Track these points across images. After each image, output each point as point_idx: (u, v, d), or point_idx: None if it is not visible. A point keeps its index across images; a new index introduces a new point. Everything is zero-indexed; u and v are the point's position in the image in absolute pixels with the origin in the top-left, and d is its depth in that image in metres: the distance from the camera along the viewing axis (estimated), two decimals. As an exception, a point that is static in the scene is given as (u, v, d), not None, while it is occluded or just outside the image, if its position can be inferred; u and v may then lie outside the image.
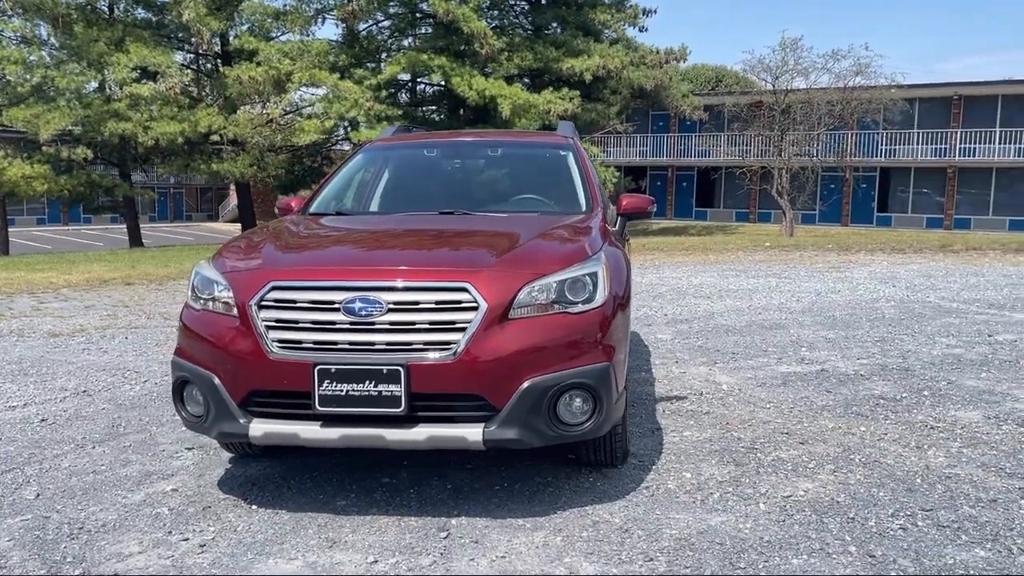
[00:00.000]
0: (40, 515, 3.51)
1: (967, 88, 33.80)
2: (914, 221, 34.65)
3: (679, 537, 3.19)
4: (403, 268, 3.40)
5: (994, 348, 7.16)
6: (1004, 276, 13.46)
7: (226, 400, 3.37)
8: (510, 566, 2.96)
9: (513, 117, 24.14)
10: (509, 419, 3.22)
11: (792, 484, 3.77)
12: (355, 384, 3.21)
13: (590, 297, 3.44)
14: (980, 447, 4.33)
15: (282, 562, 3.04)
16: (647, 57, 26.80)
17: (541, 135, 5.50)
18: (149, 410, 5.23)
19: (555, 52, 25.73)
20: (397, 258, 3.63)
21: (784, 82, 27.87)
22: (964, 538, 3.15)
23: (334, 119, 25.18)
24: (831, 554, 3.02)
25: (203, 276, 3.67)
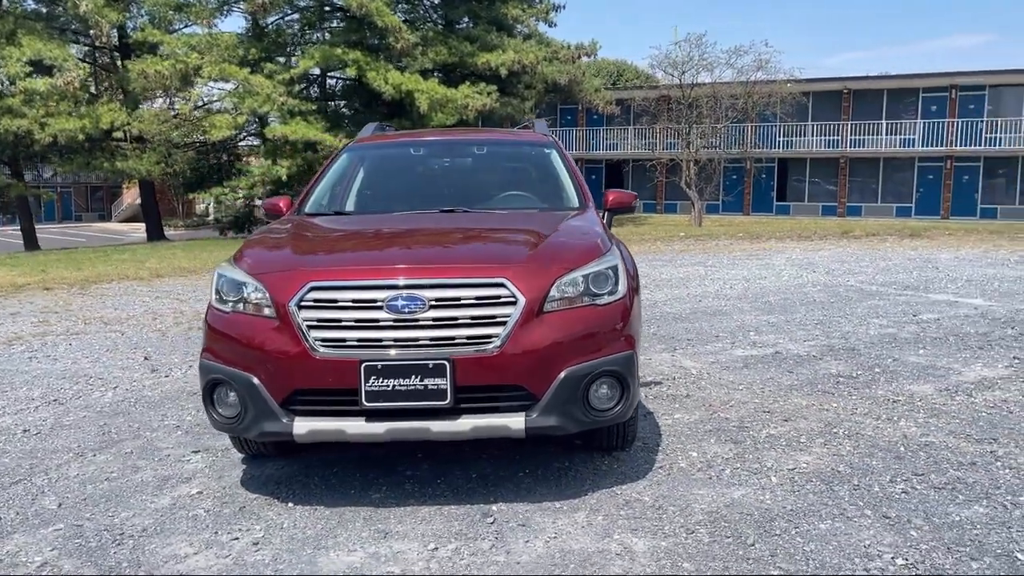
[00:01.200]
0: (72, 524, 3.47)
1: (855, 82, 35.66)
2: (810, 209, 36.36)
3: (709, 511, 3.43)
4: (442, 265, 3.52)
5: (922, 327, 7.74)
6: (908, 260, 14.41)
7: (267, 400, 3.41)
8: (566, 545, 3.14)
9: (431, 112, 24.16)
10: (549, 407, 3.39)
11: (792, 458, 4.07)
12: (402, 379, 3.31)
13: (613, 290, 3.64)
14: (943, 417, 4.75)
15: (343, 554, 3.12)
16: (559, 52, 27.23)
17: (522, 133, 5.66)
18: (135, 416, 5.15)
19: (470, 47, 25.84)
20: (432, 255, 3.75)
21: (690, 77, 28.82)
22: (961, 498, 3.50)
23: (246, 114, 24.61)
24: (851, 518, 3.31)
25: (229, 278, 3.68)
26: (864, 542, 3.08)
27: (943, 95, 34.74)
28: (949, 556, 2.95)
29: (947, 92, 34.61)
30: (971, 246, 17.19)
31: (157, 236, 28.85)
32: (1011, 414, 4.78)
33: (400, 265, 3.51)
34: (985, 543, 3.05)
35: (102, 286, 12.63)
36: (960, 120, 34.34)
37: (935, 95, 34.92)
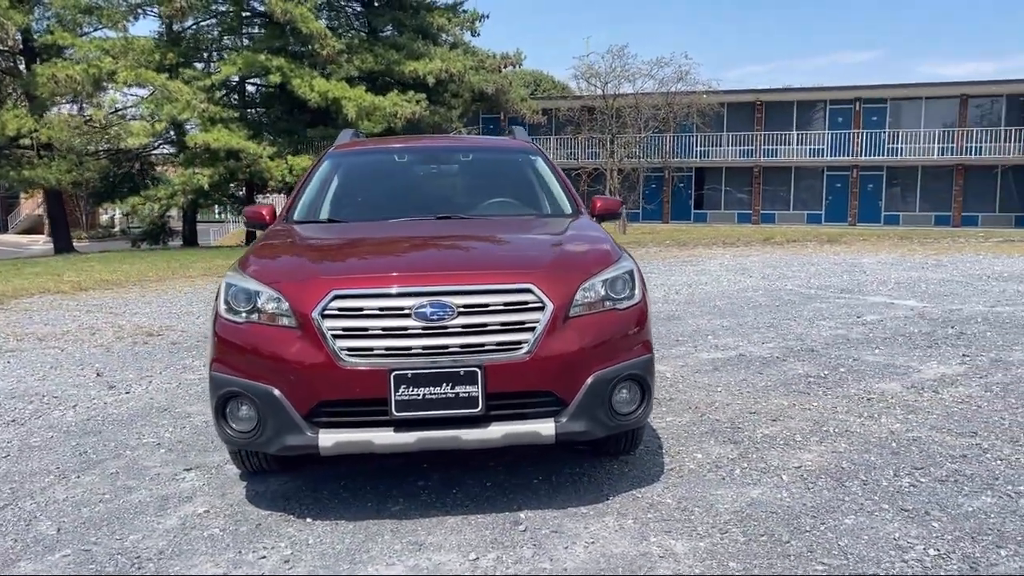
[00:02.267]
0: (79, 548, 3.29)
1: (767, 95, 36.99)
2: (726, 217, 37.47)
3: (734, 510, 3.49)
4: (470, 272, 3.49)
5: (869, 328, 8.06)
6: (835, 264, 14.99)
7: (290, 412, 3.31)
8: (606, 550, 3.14)
9: (359, 119, 23.90)
10: (577, 413, 3.39)
11: (795, 456, 4.18)
12: (432, 387, 3.26)
13: (631, 294, 3.68)
14: (919, 413, 4.95)
15: (382, 568, 3.05)
16: (486, 61, 27.37)
17: (505, 141, 5.64)
18: (108, 435, 4.92)
19: (396, 55, 25.72)
20: (456, 262, 3.70)
21: (612, 88, 29.35)
22: (966, 489, 3.66)
23: (165, 121, 23.82)
24: (872, 512, 3.42)
25: (241, 287, 3.56)
26: (892, 535, 3.19)
27: (848, 107, 36.34)
28: (976, 545, 3.07)
29: (852, 105, 36.22)
30: (887, 251, 18.01)
31: (66, 248, 27.57)
32: (980, 408, 5.02)
33: (427, 272, 3.46)
34: (1004, 531, 3.19)
35: (22, 301, 12.01)
36: (864, 131, 35.99)
37: (841, 107, 36.50)
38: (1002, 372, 5.99)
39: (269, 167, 24.23)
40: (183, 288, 13.62)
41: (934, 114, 35.55)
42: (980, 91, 34.99)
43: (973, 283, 11.55)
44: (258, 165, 24.28)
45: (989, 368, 6.15)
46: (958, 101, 35.16)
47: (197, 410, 5.47)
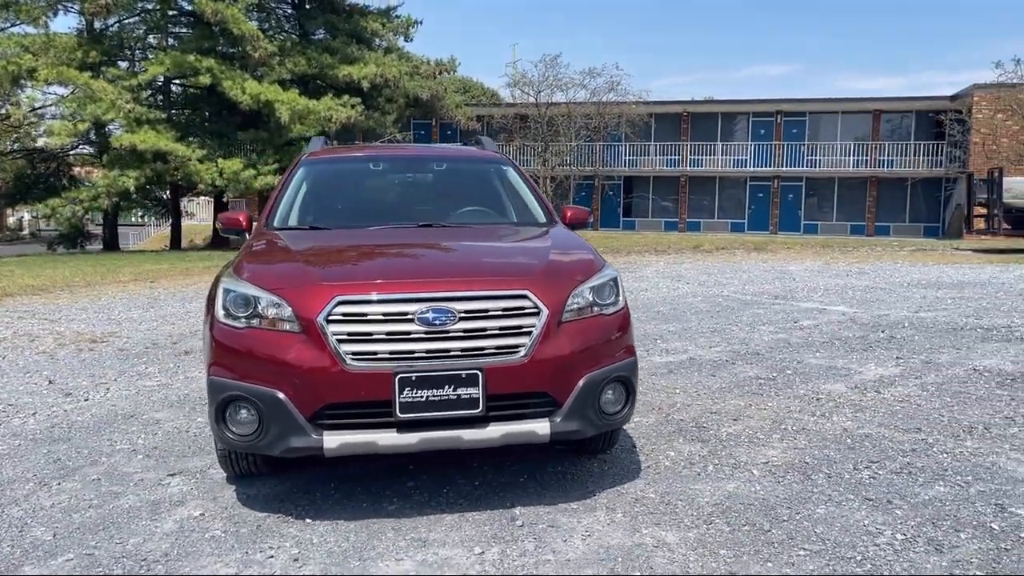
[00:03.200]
0: (82, 553, 3.30)
1: (694, 106, 38.04)
2: (654, 225, 38.32)
3: (715, 503, 3.72)
4: (470, 278, 3.63)
5: (807, 332, 8.48)
6: (765, 271, 15.58)
7: (295, 415, 3.39)
8: (603, 542, 3.32)
9: (292, 123, 23.66)
10: (571, 413, 3.57)
11: (761, 453, 4.44)
12: (435, 390, 3.39)
13: (615, 300, 3.89)
14: (866, 412, 5.30)
15: (392, 563, 3.16)
16: (420, 67, 27.40)
17: (476, 151, 5.77)
18: (78, 442, 4.87)
19: (330, 58, 25.54)
20: (453, 269, 3.83)
21: (546, 96, 29.75)
22: (921, 479, 3.97)
23: (88, 121, 23.10)
24: (840, 502, 3.69)
25: (240, 293, 3.62)
26: (862, 522, 3.46)
27: (770, 120, 37.64)
28: (937, 529, 3.37)
29: (773, 117, 37.52)
30: (812, 259, 18.78)
31: (-22, 251, 26.42)
32: (920, 407, 5.40)
33: (428, 279, 3.59)
34: (960, 517, 3.50)
35: (-53, 307, 11.56)
36: (785, 143, 37.31)
37: (763, 120, 37.77)
38: (934, 373, 6.43)
39: (199, 170, 23.75)
40: (116, 294, 13.30)
41: (849, 128, 37.12)
42: (892, 107, 36.69)
43: (895, 290, 12.21)
44: (187, 168, 23.77)
45: (921, 369, 6.58)
46: (871, 116, 36.80)
47: (165, 416, 5.45)
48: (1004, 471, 4.06)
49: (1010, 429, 4.82)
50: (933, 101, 35.12)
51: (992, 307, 10.12)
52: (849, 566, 3.05)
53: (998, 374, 6.32)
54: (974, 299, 10.97)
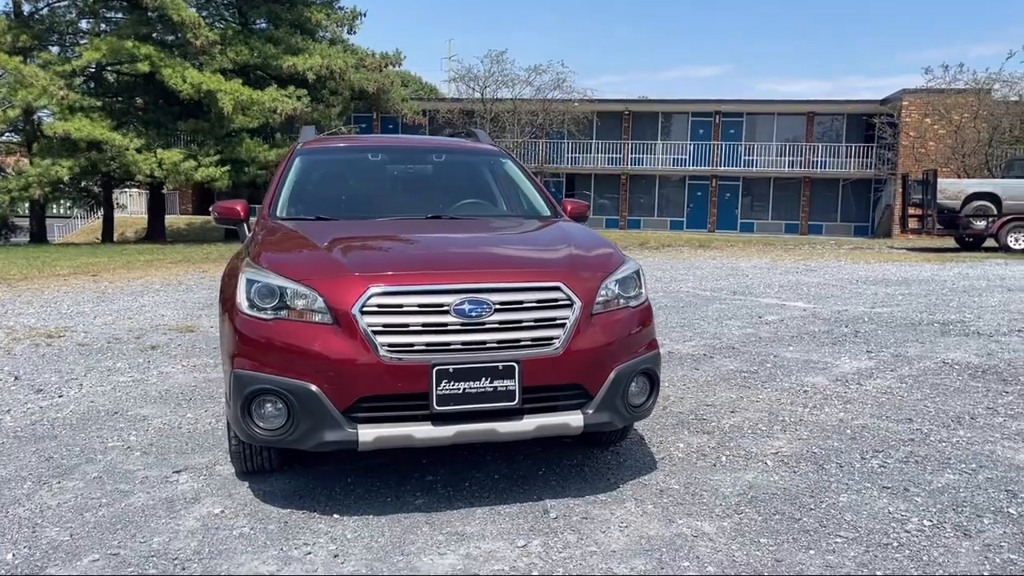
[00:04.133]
0: (107, 553, 3.17)
1: (635, 104, 38.49)
2: (596, 222, 38.59)
3: (739, 493, 3.78)
4: (504, 270, 3.60)
5: (774, 327, 8.67)
6: (716, 268, 15.87)
7: (329, 408, 3.32)
8: (642, 532, 3.34)
9: (235, 114, 23.11)
10: (602, 405, 3.58)
11: (768, 444, 4.53)
12: (472, 382, 3.36)
13: (639, 293, 3.91)
14: (855, 403, 5.45)
15: (437, 557, 3.12)
16: (366, 60, 27.05)
17: (473, 143, 5.72)
18: (65, 440, 4.68)
19: (273, 49, 25.04)
20: (486, 261, 3.79)
21: (491, 92, 29.71)
22: (928, 468, 4.10)
23: (19, 107, 22.14)
24: (859, 491, 3.79)
25: (265, 284, 3.52)
26: (886, 509, 3.56)
27: (708, 120, 38.34)
28: (960, 515, 3.48)
29: (712, 117, 38.24)
30: (757, 256, 19.20)
31: None
32: (904, 398, 5.57)
33: (462, 270, 3.55)
34: (976, 503, 3.63)
35: None
36: (723, 143, 38.07)
37: (702, 119, 38.46)
38: (907, 366, 6.64)
39: (136, 160, 23.01)
40: (59, 287, 12.78)
41: (784, 129, 38.08)
42: (825, 109, 37.77)
43: (846, 286, 12.57)
44: (124, 158, 23.01)
45: (894, 362, 6.79)
46: (805, 118, 37.82)
47: (151, 413, 5.27)
48: (1004, 459, 4.22)
49: (995, 419, 5.01)
50: (864, 104, 36.26)
51: (941, 303, 10.51)
52: (888, 551, 3.13)
53: (967, 367, 6.57)
54: (922, 295, 11.37)
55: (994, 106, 28.94)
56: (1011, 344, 7.54)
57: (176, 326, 8.87)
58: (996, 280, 13.35)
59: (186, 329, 8.65)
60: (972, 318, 9.19)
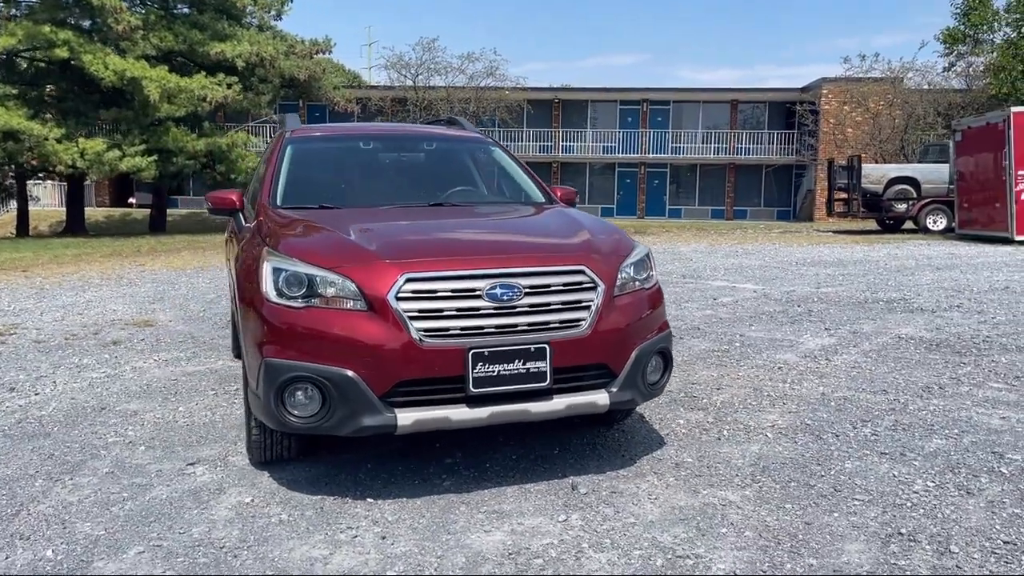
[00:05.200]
0: (151, 544, 3.15)
1: (565, 93, 38.81)
2: (527, 209, 38.88)
3: (751, 464, 3.96)
4: (532, 254, 3.69)
5: (731, 309, 8.98)
6: (659, 253, 16.21)
7: (367, 394, 3.36)
8: (673, 503, 3.48)
9: (161, 102, 22.42)
10: (625, 383, 3.71)
11: (762, 417, 4.74)
12: (506, 364, 3.44)
13: (650, 275, 4.06)
14: (829, 378, 5.72)
15: (484, 535, 3.20)
16: (296, 47, 26.54)
17: (459, 131, 5.74)
18: (59, 437, 4.58)
19: (200, 35, 24.34)
20: (510, 245, 3.86)
21: (423, 80, 29.54)
22: (917, 435, 4.37)
23: (-72, 95, 21.01)
24: (861, 457, 4.02)
25: (293, 272, 3.52)
26: (891, 473, 3.79)
27: (636, 108, 38.96)
28: (958, 476, 3.74)
29: (639, 105, 38.87)
30: (695, 240, 19.71)
31: None
32: (873, 372, 5.88)
33: (490, 255, 3.62)
34: (970, 464, 3.89)
35: None
36: (651, 130, 38.74)
37: (630, 107, 39.06)
38: (867, 342, 6.99)
39: (57, 151, 22.09)
40: (-9, 283, 12.28)
41: (709, 117, 39.01)
42: (747, 97, 38.82)
43: (788, 268, 13.05)
44: (43, 148, 22.07)
45: (853, 339, 7.13)
46: (729, 106, 38.81)
47: (140, 407, 5.18)
48: (982, 424, 4.52)
49: (961, 388, 5.34)
50: (785, 93, 37.41)
51: (880, 282, 11.02)
52: (905, 511, 3.35)
53: (922, 341, 6.95)
54: (860, 275, 11.90)
55: (908, 94, 30.26)
56: (954, 319, 7.99)
57: (132, 321, 8.65)
58: (923, 260, 14.05)
59: (144, 324, 8.46)
60: (912, 296, 9.68)
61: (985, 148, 17.60)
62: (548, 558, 3.00)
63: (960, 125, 19.41)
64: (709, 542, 3.10)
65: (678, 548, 3.05)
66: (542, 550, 3.06)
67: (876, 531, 3.17)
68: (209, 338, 7.66)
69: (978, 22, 28.67)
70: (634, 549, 3.05)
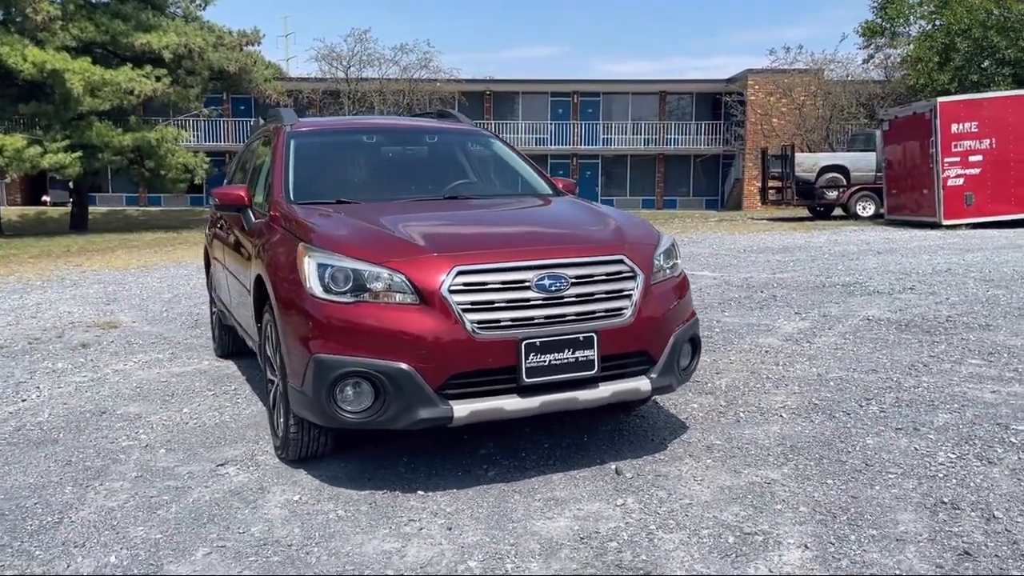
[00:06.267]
0: (215, 546, 3.10)
1: (497, 84, 38.82)
2: (461, 202, 38.84)
3: (778, 443, 4.10)
4: (570, 245, 3.75)
5: (698, 295, 9.14)
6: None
7: (423, 387, 3.36)
8: (721, 484, 3.59)
9: (85, 95, 21.57)
10: (664, 369, 3.81)
11: (771, 399, 4.90)
12: (556, 354, 3.50)
13: (676, 264, 4.16)
14: (819, 359, 5.93)
15: (549, 521, 3.25)
16: (224, 38, 25.84)
17: (458, 124, 5.71)
18: (69, 442, 4.44)
19: (123, 25, 23.48)
20: (552, 237, 3.91)
21: (356, 72, 29.17)
22: (921, 410, 4.58)
23: None
24: (878, 433, 4.21)
25: (340, 267, 3.50)
26: (912, 447, 3.99)
27: (567, 100, 39.29)
28: (973, 447, 3.95)
29: (570, 97, 39.20)
30: (637, 230, 20.00)
31: None
32: (856, 352, 6.13)
33: (536, 247, 3.66)
34: (980, 436, 4.11)
35: None
36: (582, 122, 39.12)
37: (561, 99, 39.35)
38: (840, 324, 7.26)
39: (-27, 147, 21.06)
40: (-77, 287, 11.68)
41: (639, 108, 39.61)
42: (675, 89, 39.56)
43: (738, 256, 13.41)
44: (-41, 144, 21.01)
45: (825, 322, 7.40)
46: (658, 97, 39.49)
47: (141, 410, 5.05)
48: (976, 398, 4.78)
49: (944, 365, 5.62)
50: (711, 84, 38.24)
51: (830, 267, 11.44)
52: (938, 482, 3.54)
53: (890, 322, 7.26)
54: (809, 261, 12.32)
55: (831, 85, 31.34)
56: (911, 300, 8.37)
57: (93, 323, 8.37)
58: (863, 245, 14.62)
59: (107, 326, 8.19)
60: (864, 279, 10.08)
61: (912, 137, 18.40)
62: (621, 540, 3.07)
63: (888, 115, 20.24)
64: (769, 518, 3.22)
65: (743, 525, 3.16)
66: (612, 533, 3.13)
67: (920, 501, 3.34)
68: (182, 338, 7.47)
69: (895, 15, 29.88)
70: (701, 528, 3.15)
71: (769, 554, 2.92)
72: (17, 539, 3.21)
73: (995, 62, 25.99)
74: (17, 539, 3.21)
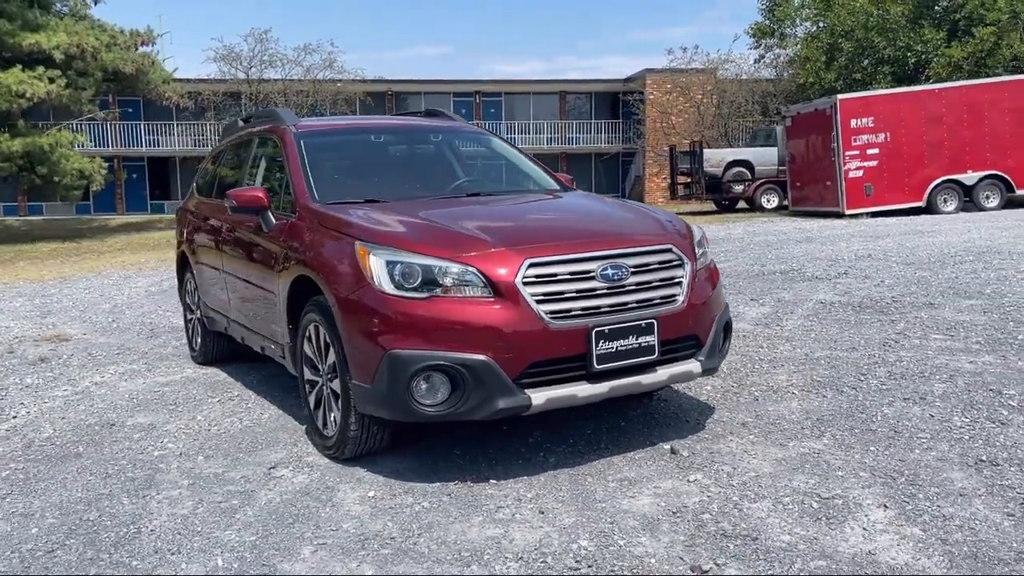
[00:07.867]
0: (317, 544, 3.10)
1: (399, 85, 38.62)
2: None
3: (804, 418, 4.37)
4: (624, 237, 3.90)
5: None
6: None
7: (502, 377, 3.45)
8: (772, 456, 3.81)
9: (-28, 98, 20.28)
10: (710, 352, 4.02)
11: (777, 378, 5.18)
12: (622, 340, 3.64)
13: (706, 253, 4.37)
14: (797, 341, 6.28)
15: (631, 500, 3.39)
16: (118, 38, 24.72)
17: (457, 122, 5.74)
18: (94, 455, 4.31)
19: (8, 24, 22.15)
20: (606, 229, 4.04)
21: (256, 72, 28.45)
22: (917, 382, 4.93)
23: None
24: (890, 403, 4.53)
25: (410, 263, 3.54)
26: (926, 413, 4.32)
27: (469, 99, 39.41)
28: (980, 412, 4.30)
29: (472, 97, 39.35)
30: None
31: None
32: (826, 332, 6.52)
33: (596, 239, 3.80)
34: (980, 402, 4.49)
35: None
36: (485, 122, 39.26)
37: (463, 99, 39.43)
38: (798, 308, 7.68)
39: None
40: None
41: (540, 108, 40.14)
42: (575, 88, 40.29)
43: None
44: None
45: (783, 306, 7.81)
46: (558, 97, 40.12)
47: (151, 420, 4.91)
48: (959, 368, 5.19)
49: (913, 341, 6.06)
50: (610, 84, 39.15)
51: (761, 256, 12.01)
52: (967, 442, 3.87)
53: (844, 304, 7.73)
54: (738, 251, 12.88)
55: (726, 84, 32.64)
56: (852, 284, 8.91)
57: (41, 336, 7.99)
58: (780, 235, 15.37)
59: (57, 339, 7.83)
60: (799, 266, 10.64)
61: (814, 132, 19.44)
62: (713, 512, 3.24)
63: (790, 111, 21.30)
64: (838, 483, 3.47)
65: (818, 491, 3.39)
66: (701, 506, 3.30)
67: (962, 461, 3.66)
68: (147, 349, 7.23)
69: (782, 17, 31.41)
70: (782, 496, 3.36)
71: (856, 515, 3.16)
72: (104, 551, 3.12)
73: (876, 61, 27.68)
74: (104, 551, 3.12)
